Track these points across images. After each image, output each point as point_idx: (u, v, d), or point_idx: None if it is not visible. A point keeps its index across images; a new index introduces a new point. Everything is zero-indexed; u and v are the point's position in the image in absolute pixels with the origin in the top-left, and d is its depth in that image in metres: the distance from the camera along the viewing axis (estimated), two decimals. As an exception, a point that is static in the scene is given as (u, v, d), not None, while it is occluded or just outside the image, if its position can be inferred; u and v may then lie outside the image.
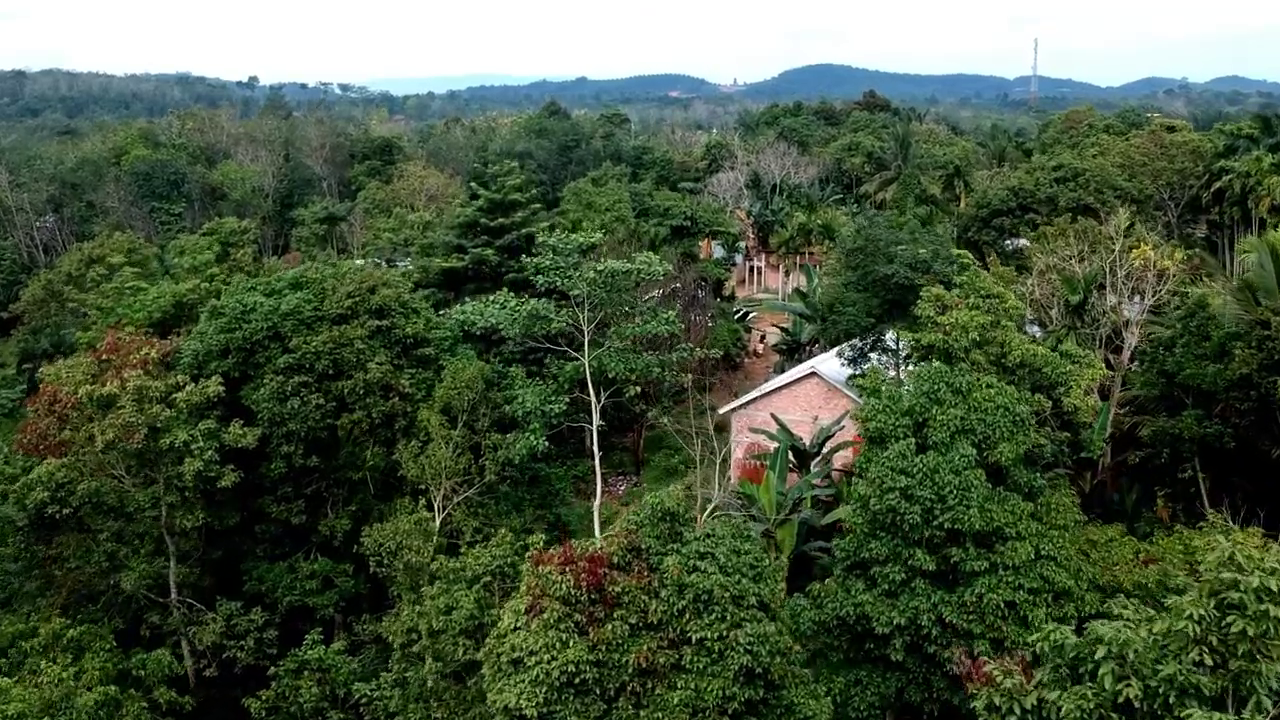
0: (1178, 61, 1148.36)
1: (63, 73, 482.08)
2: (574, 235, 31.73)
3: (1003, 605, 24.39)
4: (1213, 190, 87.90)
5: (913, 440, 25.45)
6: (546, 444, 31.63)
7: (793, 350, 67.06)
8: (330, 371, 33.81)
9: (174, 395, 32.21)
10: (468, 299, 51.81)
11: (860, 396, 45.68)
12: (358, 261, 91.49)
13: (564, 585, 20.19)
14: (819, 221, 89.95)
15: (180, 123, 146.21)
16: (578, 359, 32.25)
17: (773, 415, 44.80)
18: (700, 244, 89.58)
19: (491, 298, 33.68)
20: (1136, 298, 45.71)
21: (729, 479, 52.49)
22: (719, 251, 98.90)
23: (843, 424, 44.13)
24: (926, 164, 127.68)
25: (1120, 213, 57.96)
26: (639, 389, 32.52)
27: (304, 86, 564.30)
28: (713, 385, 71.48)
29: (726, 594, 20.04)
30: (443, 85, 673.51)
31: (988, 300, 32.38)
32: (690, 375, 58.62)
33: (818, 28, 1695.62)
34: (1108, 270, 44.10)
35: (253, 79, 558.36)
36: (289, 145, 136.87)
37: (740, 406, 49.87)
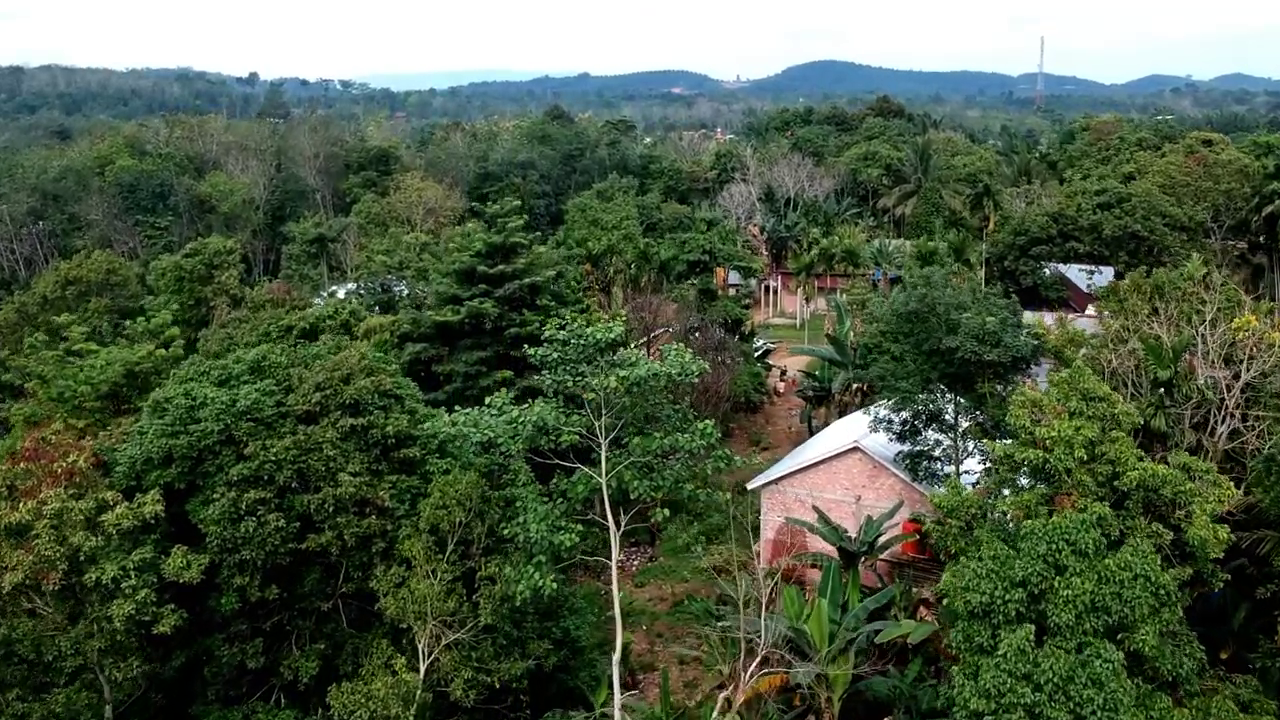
0: (1181, 59, 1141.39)
1: (60, 69, 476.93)
2: (590, 329, 25.81)
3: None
4: (1264, 214, 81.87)
5: (1031, 627, 19.65)
6: (555, 585, 25.74)
7: (820, 397, 61.26)
8: (294, 484, 28.02)
9: (102, 517, 26.44)
10: (462, 355, 46.21)
11: (908, 476, 40.15)
12: (348, 286, 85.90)
13: None
14: (841, 246, 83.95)
15: (168, 130, 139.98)
16: (592, 475, 26.39)
17: (815, 508, 39.01)
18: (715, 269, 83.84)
19: (490, 399, 27.73)
20: (1224, 365, 39.95)
21: (757, 553, 46.81)
22: (734, 276, 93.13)
23: (895, 518, 38.40)
24: (947, 176, 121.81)
25: (1195, 259, 52.21)
26: (666, 511, 26.60)
27: (304, 83, 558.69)
28: (732, 431, 65.77)
29: None
30: (445, 81, 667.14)
31: (1092, 404, 26.53)
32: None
33: (819, 27, 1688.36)
34: (1199, 338, 38.28)
35: (253, 75, 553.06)
36: (281, 154, 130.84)
37: (772, 482, 44.06)
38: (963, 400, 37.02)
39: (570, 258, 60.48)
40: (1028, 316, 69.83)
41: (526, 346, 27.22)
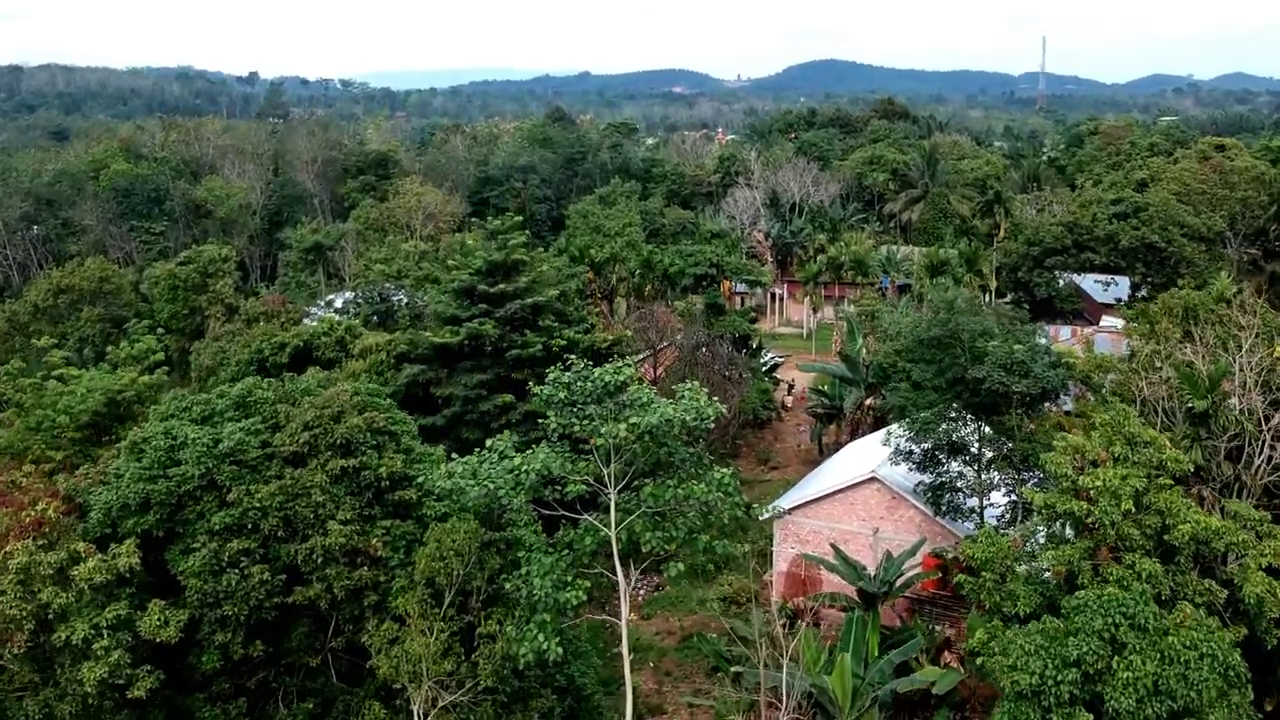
0: (1182, 59, 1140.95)
1: (60, 68, 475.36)
2: (598, 370, 23.89)
3: None
4: (1283, 222, 79.95)
5: (1089, 718, 17.77)
6: (560, 650, 23.82)
7: (830, 415, 59.39)
8: (280, 533, 26.12)
9: (74, 570, 24.57)
10: (462, 378, 44.32)
11: (930, 509, 38.25)
12: (346, 295, 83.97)
13: None
14: (849, 255, 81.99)
15: (164, 134, 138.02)
16: (600, 527, 24.49)
17: (832, 545, 37.12)
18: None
19: (491, 443, 25.73)
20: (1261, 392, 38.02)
21: (768, 583, 44.97)
22: (739, 285, 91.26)
23: (918, 556, 36.54)
24: (955, 181, 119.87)
25: (1223, 278, 50.30)
26: (681, 566, 24.66)
27: (305, 82, 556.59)
28: (739, 448, 63.90)
29: None
30: (445, 79, 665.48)
31: (1138, 450, 24.65)
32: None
33: (820, 26, 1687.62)
34: (1236, 366, 36.35)
35: (253, 74, 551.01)
36: (279, 158, 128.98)
37: (785, 512, 42.17)
38: (988, 431, 35.12)
39: (573, 275, 58.39)
40: (1056, 338, 68.20)
41: (531, 384, 25.21)
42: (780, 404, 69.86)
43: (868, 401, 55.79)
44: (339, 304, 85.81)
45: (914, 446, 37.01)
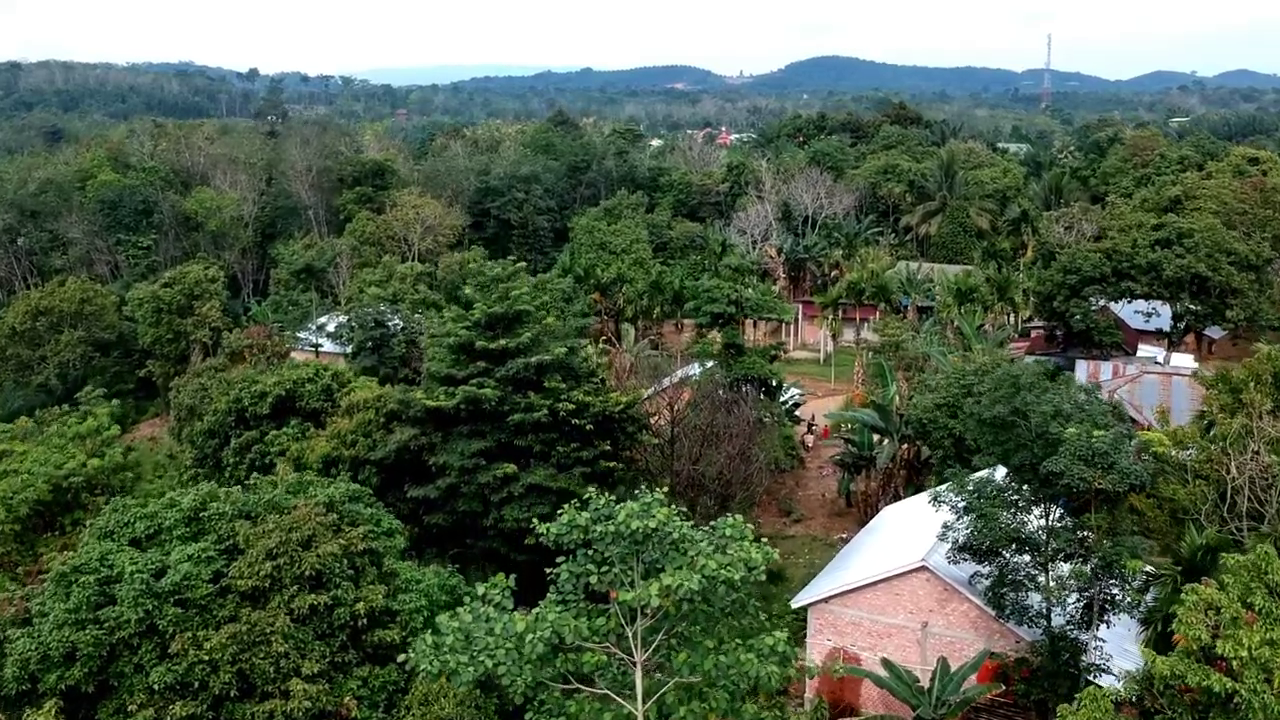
0: (1184, 56, 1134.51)
1: (58, 64, 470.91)
2: (625, 512, 19.19)
3: None
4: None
5: None
6: None
7: (858, 465, 54.76)
8: (233, 692, 21.60)
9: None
10: (458, 445, 39.68)
11: (989, 607, 33.59)
12: (339, 319, 79.34)
13: None
14: (871, 282, 77.25)
15: (153, 142, 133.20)
16: (621, 703, 19.86)
17: (884, 661, 32.54)
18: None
19: (484, 590, 20.91)
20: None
21: (801, 669, 40.45)
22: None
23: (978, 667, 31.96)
24: (973, 193, 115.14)
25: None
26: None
27: (305, 79, 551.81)
28: (759, 498, 59.24)
29: None
30: (446, 75, 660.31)
31: (1282, 602, 20.01)
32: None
33: (822, 22, 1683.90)
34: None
35: (253, 71, 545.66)
36: (272, 168, 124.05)
37: (822, 600, 37.58)
38: (1062, 527, 30.45)
39: (582, 316, 53.82)
40: (1096, 376, 63.50)
41: (536, 523, 20.51)
42: (800, 439, 65.24)
43: (901, 455, 51.22)
44: (331, 327, 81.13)
45: (968, 536, 32.27)
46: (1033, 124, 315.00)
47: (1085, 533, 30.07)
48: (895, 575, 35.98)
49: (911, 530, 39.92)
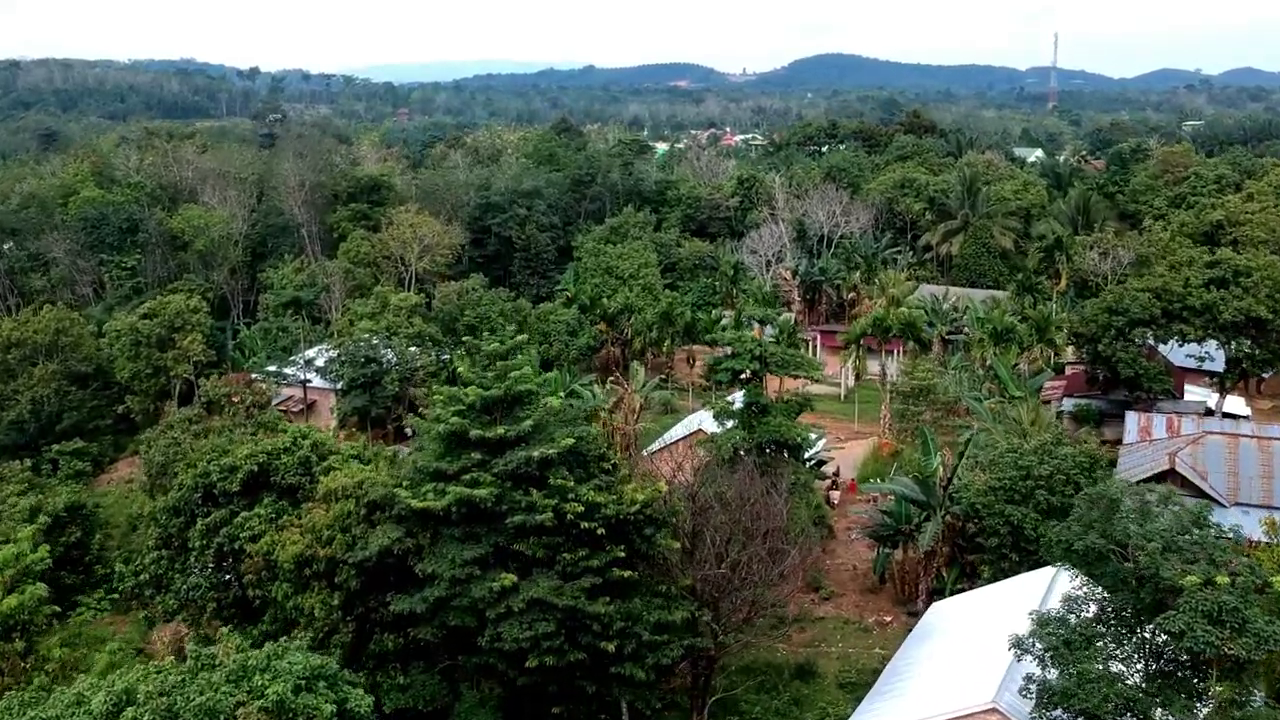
0: (1188, 53, 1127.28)
1: (57, 63, 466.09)
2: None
3: None
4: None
5: None
6: None
7: (893, 538, 49.67)
8: None
9: None
10: (449, 550, 34.55)
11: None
12: (329, 354, 74.29)
13: None
14: (898, 320, 72.01)
15: (140, 155, 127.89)
16: None
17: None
18: (752, 333, 72.17)
19: None
20: None
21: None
22: (769, 331, 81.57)
23: None
24: (996, 211, 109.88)
25: None
26: None
27: (306, 77, 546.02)
28: (785, 574, 54.02)
29: None
30: (449, 72, 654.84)
31: None
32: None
33: (825, 20, 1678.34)
34: None
35: (254, 69, 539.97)
36: (264, 183, 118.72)
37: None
38: (1176, 693, 25.22)
39: (589, 416, 48.78)
40: (1132, 425, 58.32)
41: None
42: (825, 498, 60.06)
43: (944, 532, 46.01)
44: (320, 362, 76.05)
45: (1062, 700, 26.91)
46: (1041, 126, 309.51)
47: (1202, 704, 24.88)
48: (961, 718, 30.84)
49: (973, 646, 34.87)
